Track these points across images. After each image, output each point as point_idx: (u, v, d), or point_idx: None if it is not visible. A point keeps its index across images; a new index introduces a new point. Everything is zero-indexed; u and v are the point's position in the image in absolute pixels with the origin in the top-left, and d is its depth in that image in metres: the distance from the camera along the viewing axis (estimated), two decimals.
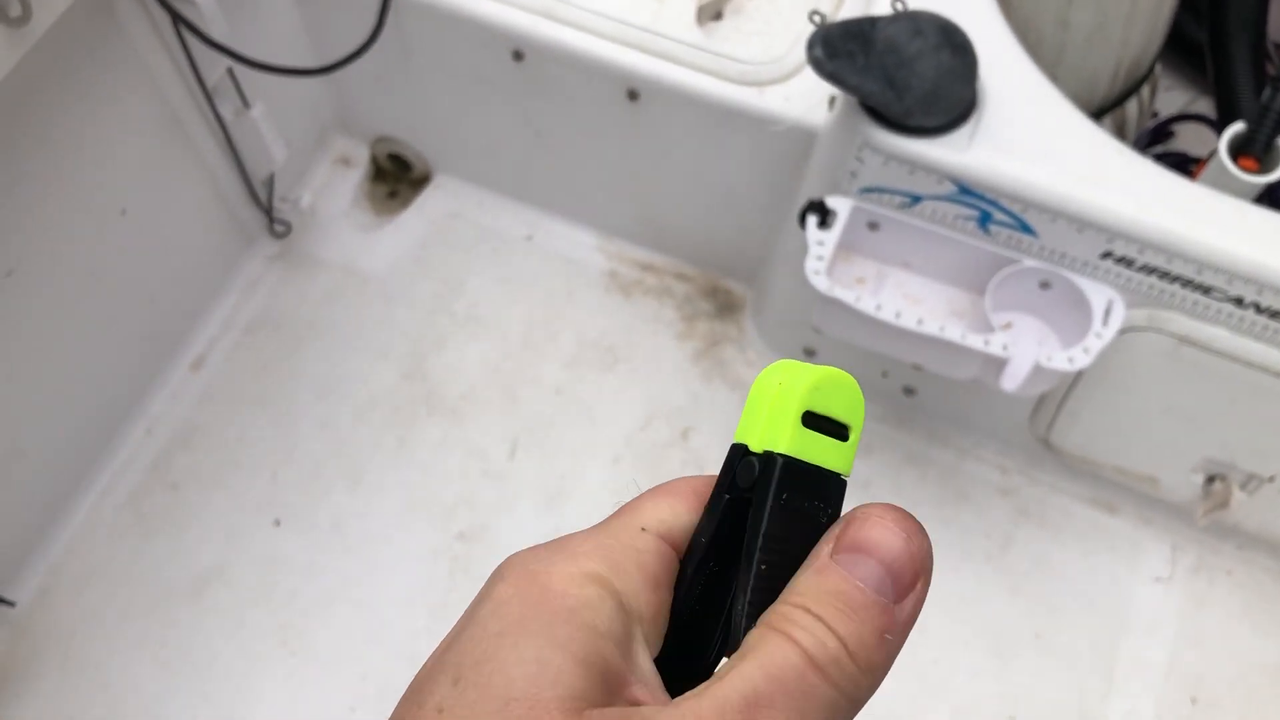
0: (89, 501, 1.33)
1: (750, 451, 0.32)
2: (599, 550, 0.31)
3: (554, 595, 0.30)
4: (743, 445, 0.32)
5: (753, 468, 0.32)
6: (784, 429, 0.31)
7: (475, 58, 1.31)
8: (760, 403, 0.32)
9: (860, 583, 0.30)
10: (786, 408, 0.31)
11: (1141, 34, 1.24)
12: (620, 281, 1.48)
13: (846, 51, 0.99)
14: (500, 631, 0.29)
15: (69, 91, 1.12)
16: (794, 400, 0.31)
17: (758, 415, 0.32)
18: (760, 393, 0.33)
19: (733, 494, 0.32)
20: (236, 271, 1.47)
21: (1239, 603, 1.29)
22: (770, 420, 0.32)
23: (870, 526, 0.31)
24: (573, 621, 0.29)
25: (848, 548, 0.30)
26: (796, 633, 0.29)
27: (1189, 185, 1.03)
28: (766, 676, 0.28)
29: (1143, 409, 1.18)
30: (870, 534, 0.30)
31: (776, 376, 0.32)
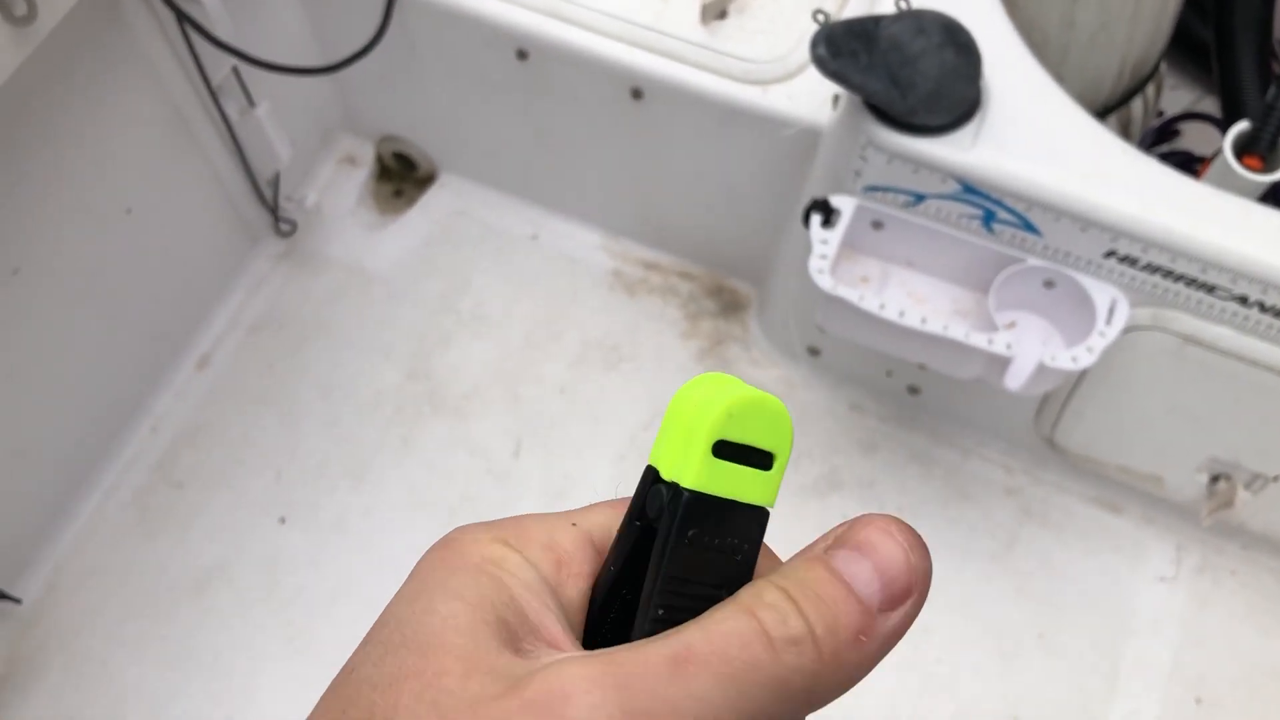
0: (94, 500, 1.33)
1: (660, 478, 0.29)
2: (518, 527, 0.32)
3: (459, 553, 0.31)
4: (654, 469, 0.30)
5: (661, 496, 0.29)
6: (692, 460, 0.28)
7: (480, 57, 1.31)
8: (675, 423, 0.29)
9: (847, 578, 0.28)
10: (696, 436, 0.28)
11: (1146, 33, 1.24)
12: (624, 280, 1.48)
13: (850, 50, 0.99)
14: (404, 592, 0.30)
15: (74, 90, 1.12)
16: (704, 428, 0.28)
17: (671, 438, 0.29)
18: (676, 411, 0.29)
19: (642, 521, 0.30)
20: (242, 270, 1.48)
21: (1243, 603, 1.29)
22: (680, 447, 0.29)
23: (872, 530, 0.29)
24: (472, 571, 0.30)
25: (844, 546, 0.29)
26: (758, 608, 0.27)
27: (1193, 184, 1.03)
28: (706, 637, 0.26)
29: (1147, 408, 1.18)
30: (870, 537, 0.29)
31: (696, 393, 0.29)
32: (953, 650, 1.26)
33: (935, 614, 1.28)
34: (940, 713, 1.23)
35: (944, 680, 1.24)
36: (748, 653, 0.26)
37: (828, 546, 0.30)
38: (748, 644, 0.26)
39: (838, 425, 1.38)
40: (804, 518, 1.32)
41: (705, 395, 0.29)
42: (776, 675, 0.26)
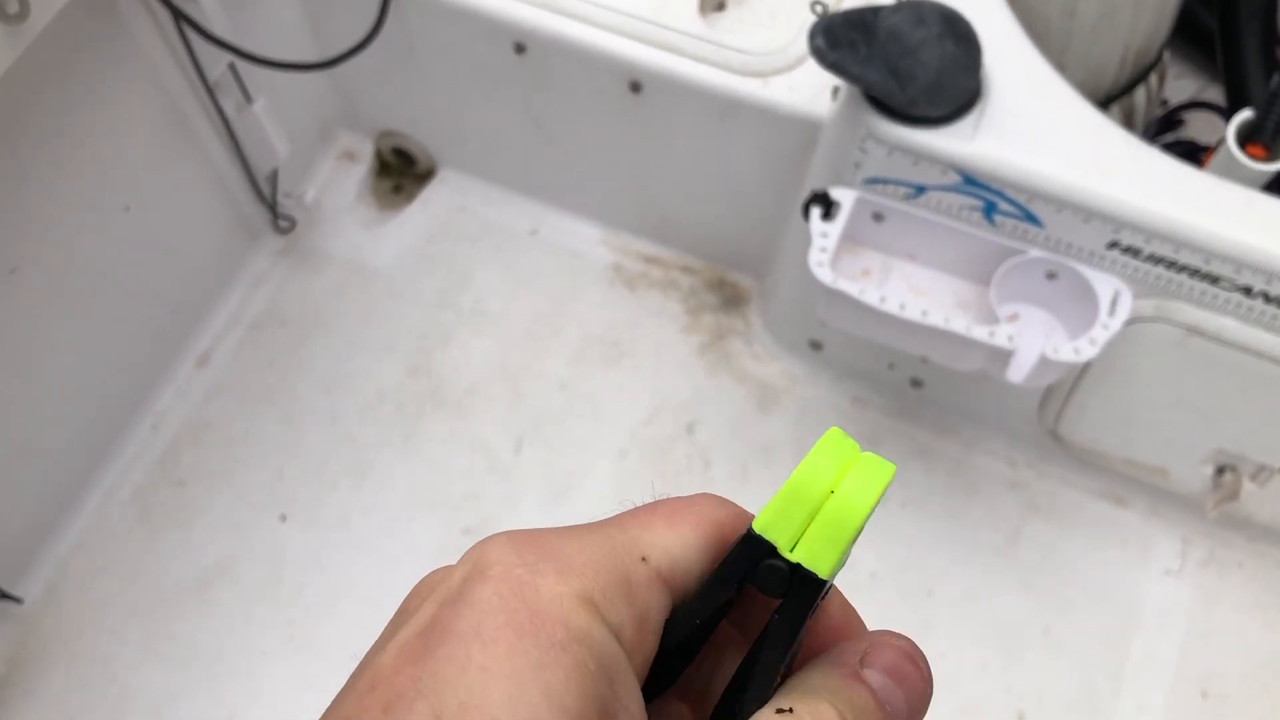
0: (96, 498, 1.33)
1: (778, 553, 0.29)
2: (593, 569, 0.28)
3: (543, 622, 0.26)
4: (769, 544, 0.29)
5: (782, 575, 0.29)
6: (833, 553, 0.28)
7: (477, 51, 1.30)
8: (804, 500, 0.28)
9: (889, 710, 0.29)
10: (844, 531, 0.28)
11: (1149, 21, 1.22)
12: (625, 275, 1.47)
13: (849, 41, 0.98)
14: (486, 667, 0.26)
15: (70, 88, 1.12)
16: (854, 525, 0.28)
17: (798, 515, 0.28)
18: (806, 485, 0.29)
19: (740, 583, 0.29)
20: (241, 267, 1.47)
21: (1250, 596, 1.28)
22: (820, 536, 0.28)
23: (903, 660, 0.30)
24: (564, 662, 0.26)
25: (883, 670, 0.30)
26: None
27: (1196, 174, 1.02)
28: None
29: (1151, 400, 1.17)
30: (904, 668, 0.30)
31: (830, 467, 0.29)
32: (957, 645, 1.25)
33: (939, 608, 1.27)
34: (945, 707, 1.22)
35: (948, 675, 1.24)
36: None
37: (862, 662, 0.30)
38: None
39: (840, 419, 1.37)
40: None
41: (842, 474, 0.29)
42: None
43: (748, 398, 1.39)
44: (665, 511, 0.30)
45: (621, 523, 0.30)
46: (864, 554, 1.30)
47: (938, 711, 1.22)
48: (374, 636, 0.31)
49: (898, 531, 1.31)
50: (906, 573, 1.29)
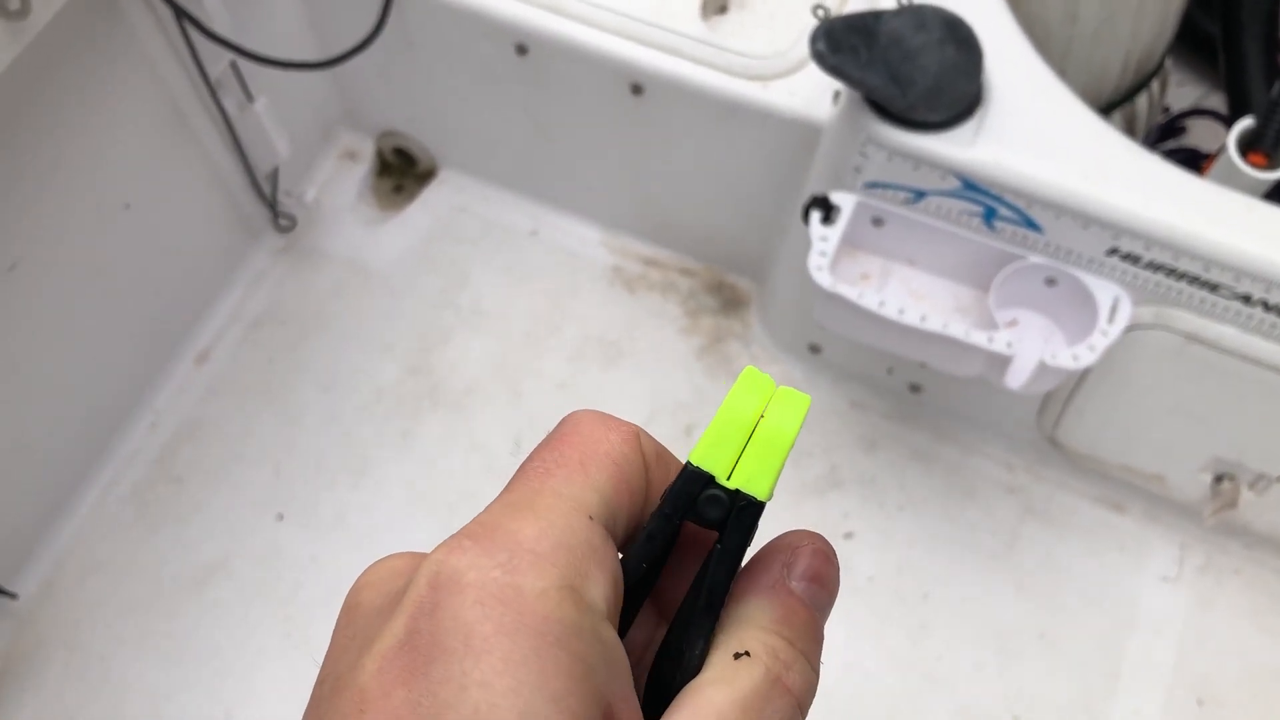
0: (93, 495, 1.33)
1: (716, 482, 0.30)
2: (563, 552, 0.28)
3: (534, 623, 0.26)
4: (706, 474, 0.30)
5: (722, 504, 0.30)
6: (770, 473, 0.30)
7: (479, 52, 1.30)
8: (734, 430, 0.30)
9: (817, 613, 0.32)
10: (777, 452, 0.30)
11: (1151, 27, 1.22)
12: (624, 276, 1.47)
13: (850, 46, 0.98)
14: (485, 682, 0.25)
15: (71, 85, 1.12)
16: (785, 445, 0.30)
17: (731, 445, 0.30)
18: (735, 417, 0.30)
19: (683, 518, 0.31)
20: (241, 266, 1.47)
21: (1247, 603, 1.28)
22: (755, 460, 0.30)
23: (822, 562, 0.32)
24: (563, 661, 0.26)
25: (807, 578, 0.32)
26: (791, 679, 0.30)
27: (1196, 181, 1.02)
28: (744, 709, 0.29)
29: (1150, 407, 1.17)
30: (824, 570, 0.32)
31: (753, 400, 0.30)
32: (953, 649, 1.25)
33: (936, 612, 1.27)
34: (940, 712, 1.22)
35: (944, 679, 1.24)
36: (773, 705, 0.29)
37: (790, 577, 0.32)
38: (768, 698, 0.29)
39: (838, 423, 1.37)
40: (803, 516, 1.32)
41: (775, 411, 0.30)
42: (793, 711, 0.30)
43: None
44: (573, 458, 0.31)
45: (540, 477, 0.30)
46: (861, 557, 1.30)
47: (935, 714, 1.22)
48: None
49: (895, 534, 1.31)
50: (903, 576, 1.29)
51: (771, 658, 0.30)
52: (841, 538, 1.31)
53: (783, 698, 0.30)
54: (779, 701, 0.29)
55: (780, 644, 0.30)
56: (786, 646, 0.30)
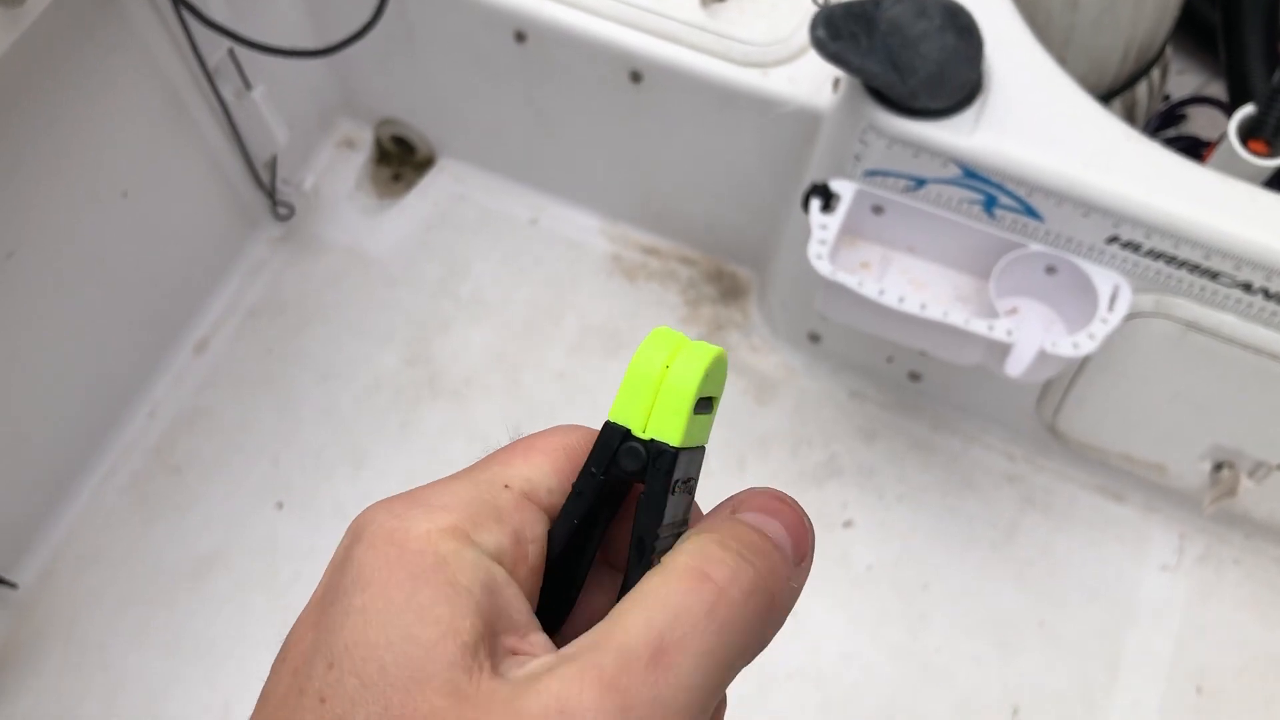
0: (91, 485, 1.33)
1: (632, 435, 0.32)
2: (458, 503, 0.30)
3: (412, 555, 0.28)
4: (623, 428, 0.32)
5: (639, 455, 0.31)
6: (679, 421, 0.31)
7: (478, 39, 1.30)
8: (643, 384, 0.32)
9: (770, 535, 0.31)
10: (682, 400, 0.31)
11: (1151, 14, 1.22)
12: (624, 265, 1.47)
13: (850, 33, 0.97)
14: (364, 606, 0.28)
15: (68, 73, 1.11)
16: (689, 393, 0.31)
17: (642, 399, 0.32)
18: (643, 372, 0.32)
19: (609, 475, 0.32)
20: (240, 255, 1.47)
21: (1246, 592, 1.28)
22: (663, 410, 0.31)
23: (768, 499, 0.32)
24: (434, 582, 0.28)
25: (754, 510, 0.32)
26: (713, 569, 0.29)
27: (1197, 169, 1.02)
28: (675, 619, 0.28)
29: (1150, 396, 1.17)
30: (771, 504, 0.32)
31: (660, 355, 0.32)
32: (953, 639, 1.25)
33: (935, 603, 1.27)
34: (941, 702, 1.22)
35: (944, 669, 1.24)
36: (715, 620, 0.28)
37: (734, 511, 0.32)
38: (713, 610, 0.28)
39: (838, 412, 1.37)
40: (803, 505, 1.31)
41: (677, 360, 0.32)
42: (740, 630, 0.29)
43: (746, 389, 1.38)
44: (521, 447, 0.33)
45: (484, 464, 0.33)
46: (860, 547, 1.30)
47: (934, 705, 1.22)
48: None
49: (894, 525, 1.31)
50: (902, 566, 1.29)
51: (687, 554, 0.29)
52: (841, 527, 1.31)
53: (694, 589, 0.28)
54: (688, 594, 0.28)
55: (706, 543, 0.30)
56: (714, 545, 0.30)
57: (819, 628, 1.25)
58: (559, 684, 0.26)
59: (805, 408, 1.37)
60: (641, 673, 0.27)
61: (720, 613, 0.28)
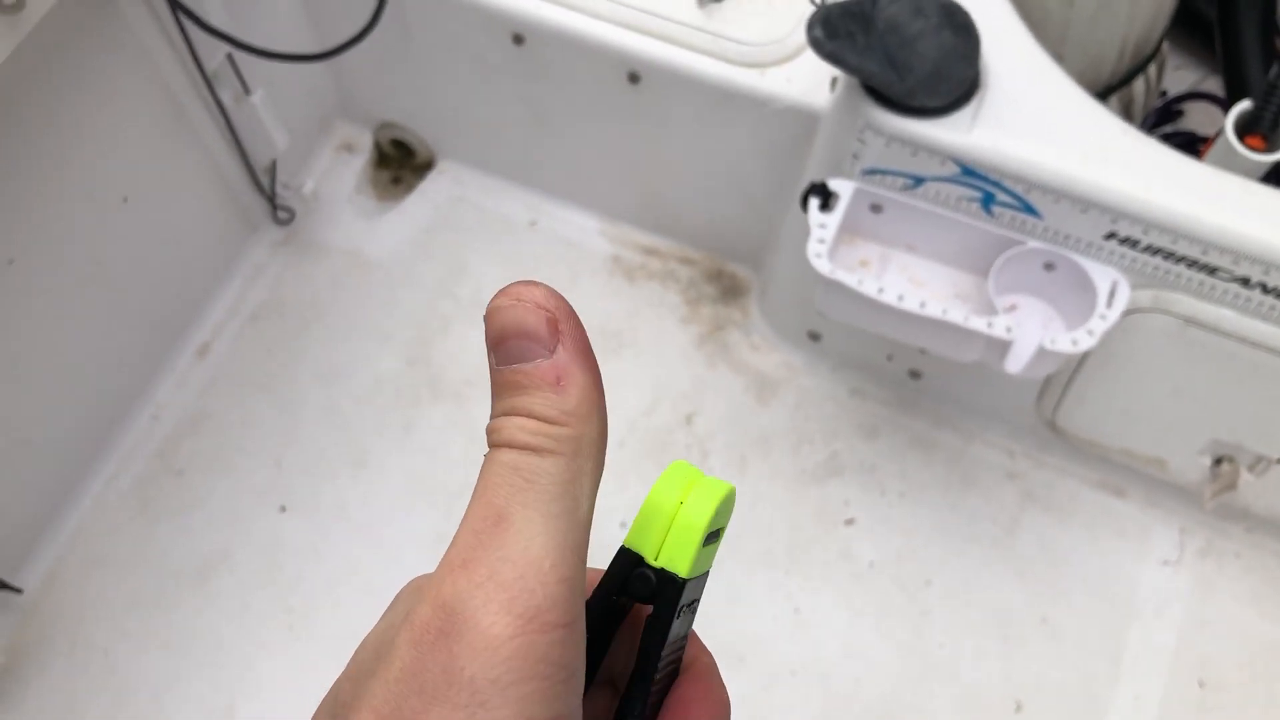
0: (95, 488, 1.33)
1: (644, 562, 0.34)
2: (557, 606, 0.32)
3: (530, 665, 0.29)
4: (636, 554, 0.34)
5: (649, 582, 0.34)
6: (688, 554, 0.34)
7: (476, 42, 1.30)
8: (658, 517, 0.34)
9: (513, 365, 0.30)
10: (692, 535, 0.34)
11: (1148, 10, 1.22)
12: (624, 266, 1.47)
13: (847, 32, 0.98)
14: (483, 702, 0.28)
15: (67, 79, 1.11)
16: (699, 529, 0.34)
17: (656, 531, 0.34)
18: (658, 506, 0.34)
19: (618, 596, 0.34)
20: (241, 258, 1.47)
21: (1247, 586, 1.28)
22: (675, 543, 0.34)
23: (492, 316, 0.31)
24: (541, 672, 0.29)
25: (491, 346, 0.31)
26: (496, 439, 0.30)
27: (1194, 164, 1.02)
28: (493, 486, 0.29)
29: (1149, 391, 1.17)
30: (494, 321, 0.31)
31: (676, 491, 0.34)
32: (955, 635, 1.26)
33: (937, 598, 1.27)
34: (943, 697, 1.23)
35: (946, 664, 1.24)
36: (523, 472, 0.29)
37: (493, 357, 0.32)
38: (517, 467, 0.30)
39: (838, 410, 1.37)
40: (804, 502, 1.32)
41: (690, 497, 0.34)
42: (547, 464, 0.30)
43: (746, 388, 1.39)
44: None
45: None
46: (862, 544, 1.30)
47: (937, 700, 1.23)
48: (372, 624, 0.33)
49: (896, 522, 1.31)
50: (905, 562, 1.29)
51: (497, 434, 0.30)
52: (843, 525, 1.31)
53: (497, 460, 0.30)
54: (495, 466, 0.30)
55: (490, 425, 0.31)
56: (492, 422, 0.31)
57: (822, 624, 1.26)
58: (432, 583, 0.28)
59: (806, 406, 1.38)
60: (488, 540, 0.28)
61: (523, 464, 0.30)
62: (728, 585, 1.27)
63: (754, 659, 1.23)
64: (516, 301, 0.31)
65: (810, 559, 1.29)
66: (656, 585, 0.34)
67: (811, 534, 1.31)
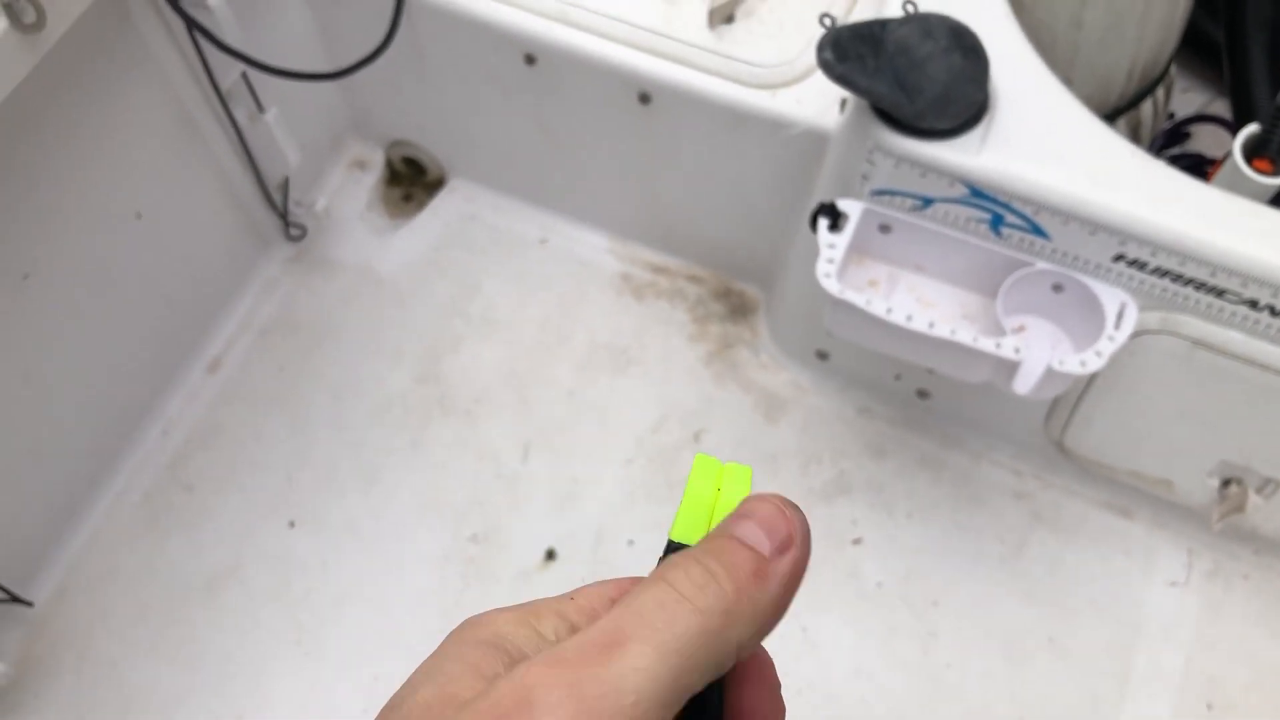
0: (106, 502, 1.34)
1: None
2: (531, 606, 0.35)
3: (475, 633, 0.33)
4: (683, 545, 0.36)
5: None
6: None
7: (488, 62, 1.31)
8: (699, 506, 0.37)
9: (738, 535, 0.33)
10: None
11: (1156, 34, 1.23)
12: (633, 283, 1.48)
13: (857, 54, 0.98)
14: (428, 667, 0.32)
15: (84, 96, 1.13)
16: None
17: (699, 518, 0.37)
18: (699, 497, 0.37)
19: None
20: (253, 274, 1.48)
21: (1256, 608, 1.28)
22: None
23: (751, 501, 0.35)
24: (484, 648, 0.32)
25: (734, 518, 0.34)
26: (666, 572, 0.32)
27: (1202, 187, 1.03)
28: (629, 611, 0.31)
29: (1157, 413, 1.18)
30: (749, 505, 0.35)
31: (710, 481, 0.37)
32: (962, 654, 1.26)
33: (944, 618, 1.27)
34: (949, 717, 1.23)
35: (953, 684, 1.24)
36: (666, 611, 0.31)
37: (735, 521, 0.35)
38: (663, 604, 0.31)
39: (846, 429, 1.38)
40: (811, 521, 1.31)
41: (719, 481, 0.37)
42: (694, 621, 0.31)
43: (754, 407, 1.39)
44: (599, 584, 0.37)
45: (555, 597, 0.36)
46: (869, 564, 1.30)
47: None
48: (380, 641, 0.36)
49: (903, 541, 1.31)
50: (912, 582, 1.29)
51: (665, 566, 0.32)
52: (850, 544, 1.31)
53: (659, 588, 0.31)
54: (654, 591, 0.31)
55: (679, 559, 0.33)
56: (686, 558, 0.33)
57: (829, 643, 1.26)
58: (523, 669, 0.29)
59: (814, 425, 1.38)
60: (595, 654, 0.29)
61: (675, 609, 0.31)
62: None
63: None
64: (778, 507, 0.35)
65: (818, 578, 1.29)
66: None
67: (819, 553, 1.31)
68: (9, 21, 0.93)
